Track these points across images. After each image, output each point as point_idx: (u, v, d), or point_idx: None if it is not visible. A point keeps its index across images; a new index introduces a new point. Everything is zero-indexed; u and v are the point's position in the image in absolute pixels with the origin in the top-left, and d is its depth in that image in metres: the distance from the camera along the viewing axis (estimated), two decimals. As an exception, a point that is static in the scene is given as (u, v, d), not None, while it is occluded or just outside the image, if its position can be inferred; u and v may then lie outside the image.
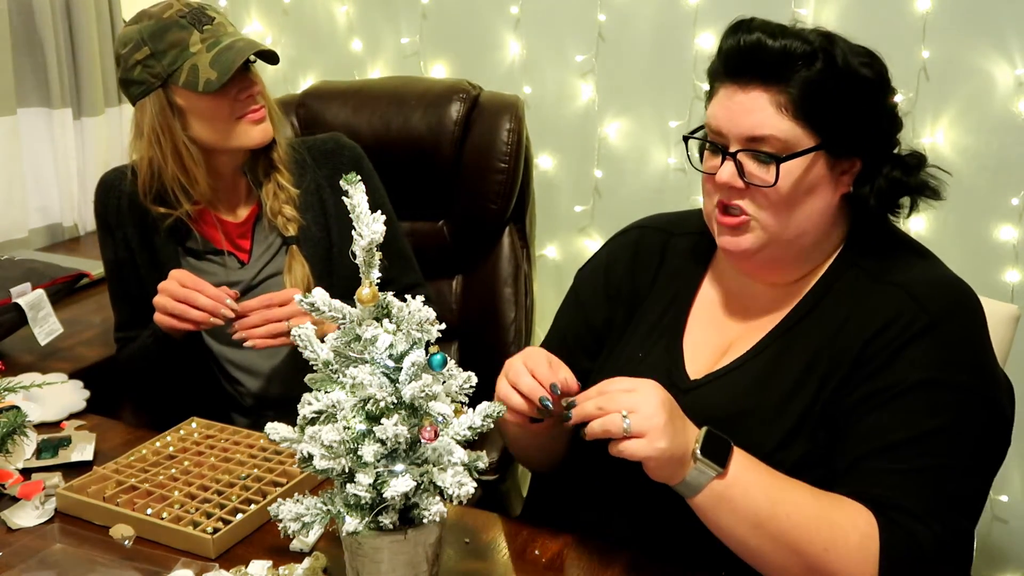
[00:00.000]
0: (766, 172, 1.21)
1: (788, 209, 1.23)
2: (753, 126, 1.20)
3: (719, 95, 1.25)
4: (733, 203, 1.24)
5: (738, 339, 1.32)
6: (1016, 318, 1.55)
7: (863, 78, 1.22)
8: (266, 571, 1.21)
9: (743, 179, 1.22)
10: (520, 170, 2.20)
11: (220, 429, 1.54)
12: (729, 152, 1.23)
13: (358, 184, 1.03)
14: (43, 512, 1.34)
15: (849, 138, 1.22)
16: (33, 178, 2.49)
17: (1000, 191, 2.08)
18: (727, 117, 1.23)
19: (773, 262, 1.28)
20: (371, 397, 1.00)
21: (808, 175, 1.21)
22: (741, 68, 1.22)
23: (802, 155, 1.20)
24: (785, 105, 1.19)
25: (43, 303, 1.86)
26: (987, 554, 2.25)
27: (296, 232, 1.74)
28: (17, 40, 2.38)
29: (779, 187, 1.20)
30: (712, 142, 1.26)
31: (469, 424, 1.05)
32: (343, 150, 1.85)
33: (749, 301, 1.34)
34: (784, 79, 1.20)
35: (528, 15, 2.44)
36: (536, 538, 1.28)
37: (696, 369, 1.33)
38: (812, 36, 1.22)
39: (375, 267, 1.04)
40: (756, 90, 1.21)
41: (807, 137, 1.20)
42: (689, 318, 1.37)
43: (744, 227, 1.25)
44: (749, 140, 1.21)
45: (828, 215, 1.26)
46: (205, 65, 1.61)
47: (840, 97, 1.20)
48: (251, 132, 1.68)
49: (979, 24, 2.03)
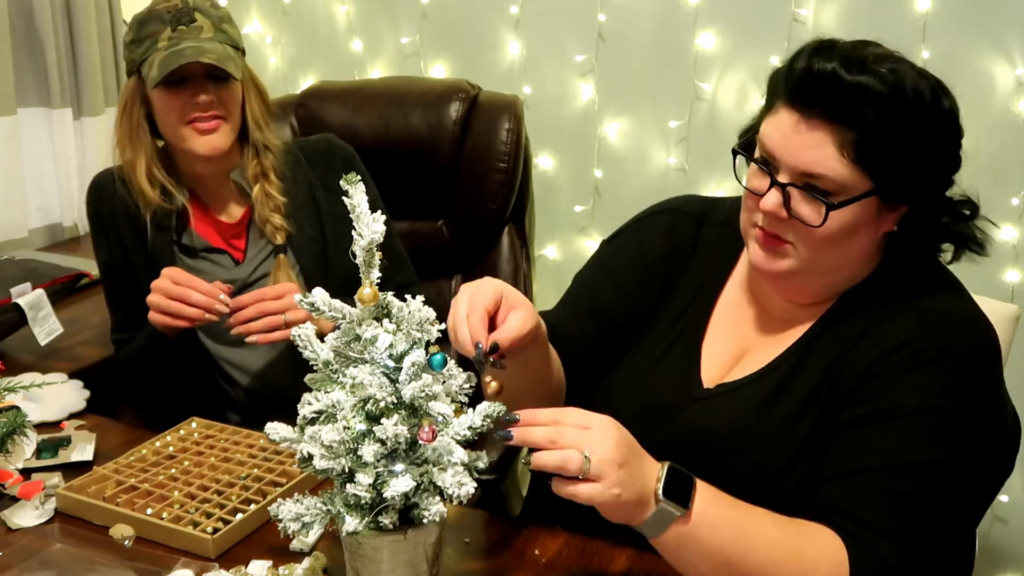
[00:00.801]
0: (814, 212, 1.16)
1: (828, 246, 1.19)
2: (810, 163, 1.14)
3: (779, 116, 1.18)
4: (772, 231, 1.20)
5: (753, 349, 1.30)
6: (1016, 318, 1.55)
7: (930, 120, 1.16)
8: (266, 571, 1.21)
9: (788, 211, 1.17)
10: (519, 170, 2.20)
11: (220, 429, 1.54)
12: (779, 181, 1.17)
13: (358, 184, 1.03)
14: (43, 512, 1.34)
15: (905, 185, 1.17)
16: (33, 178, 2.49)
17: (1000, 191, 2.08)
18: (783, 145, 1.16)
19: (802, 288, 1.26)
20: (371, 397, 1.00)
21: (855, 218, 1.16)
22: (810, 97, 1.14)
23: (854, 201, 1.15)
24: (847, 148, 1.13)
25: (43, 303, 1.86)
26: (987, 554, 2.25)
27: (283, 241, 1.75)
28: (17, 40, 2.38)
29: (823, 228, 1.16)
30: (762, 159, 1.20)
31: (469, 424, 1.04)
32: (335, 150, 1.85)
33: (771, 310, 1.31)
34: (851, 121, 1.12)
35: (528, 15, 2.44)
36: (536, 538, 1.28)
37: (710, 376, 1.30)
38: (888, 73, 1.13)
39: (375, 267, 1.04)
40: (820, 126, 1.14)
41: (862, 182, 1.14)
42: (711, 320, 1.35)
43: (781, 251, 1.21)
44: (803, 175, 1.15)
45: (867, 253, 1.23)
46: (157, 62, 1.63)
47: (904, 142, 1.14)
48: (195, 140, 1.68)
49: (979, 24, 2.03)
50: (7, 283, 1.90)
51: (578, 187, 2.49)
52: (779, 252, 1.21)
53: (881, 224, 1.20)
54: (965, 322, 1.20)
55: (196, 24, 1.66)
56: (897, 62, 1.16)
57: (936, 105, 1.16)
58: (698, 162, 2.35)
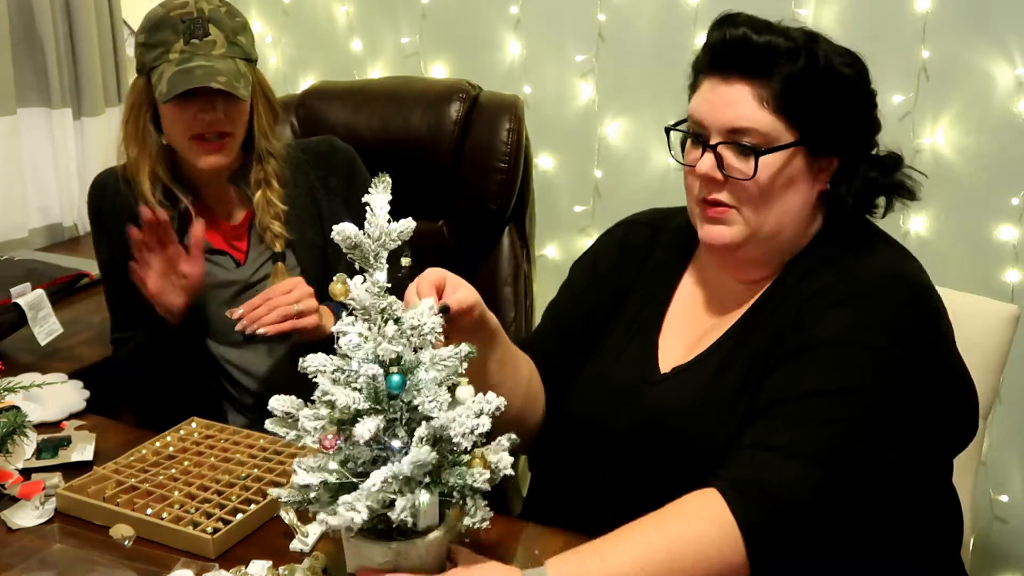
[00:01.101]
0: (745, 164, 1.23)
1: (766, 203, 1.24)
2: (734, 118, 1.22)
3: (702, 88, 1.27)
4: (712, 197, 1.26)
5: (708, 333, 1.34)
6: (1016, 318, 1.55)
7: (844, 77, 1.24)
8: (266, 571, 1.21)
9: (722, 171, 1.24)
10: (520, 170, 2.20)
11: (220, 429, 1.54)
12: (710, 144, 1.24)
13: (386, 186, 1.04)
14: (43, 512, 1.34)
15: (828, 136, 1.24)
16: (33, 178, 2.49)
17: (1000, 191, 2.08)
18: (709, 109, 1.25)
19: (752, 261, 1.30)
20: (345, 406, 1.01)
21: (786, 170, 1.23)
22: (725, 61, 1.24)
23: (781, 149, 1.22)
24: (767, 99, 1.21)
25: (43, 303, 1.85)
26: (987, 554, 2.25)
27: (282, 248, 1.75)
28: (17, 40, 2.38)
29: (758, 179, 1.22)
30: (694, 133, 1.28)
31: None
32: (336, 152, 1.86)
33: (724, 296, 1.35)
34: (767, 73, 1.21)
35: (528, 15, 2.44)
36: (536, 538, 1.28)
37: (668, 363, 1.34)
38: (796, 34, 1.24)
39: (380, 267, 1.04)
40: (738, 83, 1.23)
41: (787, 132, 1.22)
42: (667, 313, 1.39)
43: (726, 218, 1.26)
44: (730, 132, 1.23)
45: (806, 212, 1.27)
46: (166, 77, 1.62)
47: (821, 94, 1.22)
48: (198, 157, 1.69)
49: (979, 24, 2.03)
50: (7, 283, 1.90)
51: (578, 187, 2.49)
52: (724, 220, 1.26)
53: (815, 181, 1.27)
54: (889, 271, 1.25)
55: (209, 39, 1.65)
56: (804, 29, 1.26)
57: (848, 64, 1.25)
58: (698, 162, 2.35)
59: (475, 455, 1.04)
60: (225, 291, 1.76)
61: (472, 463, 1.04)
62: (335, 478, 1.03)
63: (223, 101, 1.66)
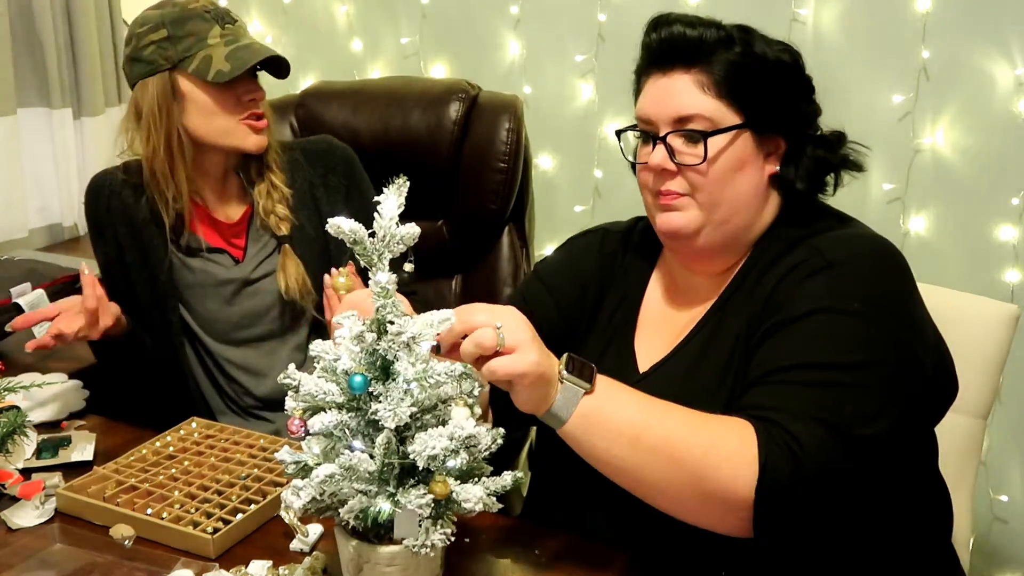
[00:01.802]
0: (695, 150, 1.25)
1: (719, 187, 1.26)
2: (678, 107, 1.25)
3: (645, 87, 1.31)
4: (665, 188, 1.28)
5: (682, 329, 1.35)
6: (1016, 318, 1.55)
7: (780, 61, 1.28)
8: (266, 571, 1.21)
9: (674, 160, 1.26)
10: (519, 170, 2.20)
11: (220, 429, 1.54)
12: (659, 137, 1.27)
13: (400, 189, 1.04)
14: (43, 512, 1.34)
15: (772, 116, 1.28)
16: (33, 178, 2.49)
17: (1000, 191, 2.08)
18: (653, 103, 1.28)
19: (708, 250, 1.31)
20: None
21: (735, 152, 1.26)
22: (663, 58, 1.28)
23: (728, 131, 1.25)
24: (707, 85, 1.25)
25: (43, 303, 1.85)
26: (987, 554, 2.25)
27: (289, 231, 1.76)
28: (17, 40, 2.38)
29: (708, 162, 1.25)
30: (643, 132, 1.31)
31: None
32: (335, 151, 1.86)
33: (692, 292, 1.37)
34: (704, 61, 1.25)
35: (528, 15, 2.44)
36: (536, 538, 1.28)
37: (647, 362, 1.36)
38: (728, 26, 1.28)
39: (383, 267, 1.04)
40: (678, 74, 1.26)
41: (732, 115, 1.25)
42: (639, 316, 1.41)
43: (679, 204, 1.28)
44: (676, 121, 1.26)
45: (758, 195, 1.30)
46: (220, 57, 1.64)
47: (759, 77, 1.26)
48: (248, 137, 1.70)
49: (979, 24, 2.03)
50: (7, 283, 1.90)
51: (578, 187, 2.49)
52: (677, 206, 1.28)
53: (764, 163, 1.30)
54: (853, 241, 1.27)
55: (239, 24, 1.71)
56: (736, 24, 1.30)
57: (784, 50, 1.30)
58: (698, 162, 2.35)
59: (436, 480, 1.02)
60: (224, 289, 1.76)
61: (432, 487, 1.02)
62: (312, 461, 1.05)
63: (258, 83, 1.72)
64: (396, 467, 1.03)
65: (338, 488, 1.03)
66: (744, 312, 1.27)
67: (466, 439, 1.02)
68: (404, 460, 1.03)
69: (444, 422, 1.04)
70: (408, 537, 1.03)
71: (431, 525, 1.04)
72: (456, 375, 1.04)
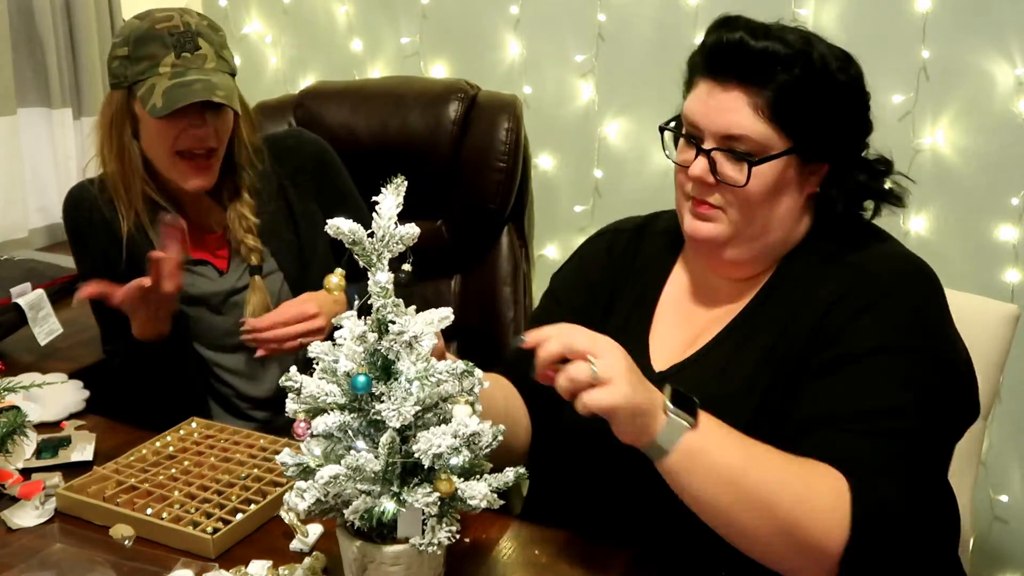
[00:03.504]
0: (738, 171, 1.23)
1: (756, 207, 1.25)
2: (729, 125, 1.22)
3: (698, 89, 1.27)
4: (702, 198, 1.27)
5: (703, 331, 1.34)
6: (1016, 318, 1.55)
7: (839, 83, 1.24)
8: (266, 571, 1.21)
9: (715, 175, 1.24)
10: (519, 170, 2.20)
11: (220, 429, 1.54)
12: (703, 148, 1.25)
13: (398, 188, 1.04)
14: (43, 512, 1.34)
15: (821, 143, 1.24)
16: (33, 178, 2.49)
17: (1000, 191, 2.08)
18: (704, 113, 1.25)
19: (736, 258, 1.30)
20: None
21: (778, 175, 1.24)
22: (722, 65, 1.24)
23: (774, 159, 1.22)
24: (762, 107, 1.21)
25: (43, 303, 1.86)
26: (987, 554, 2.25)
27: (258, 262, 1.74)
28: (17, 40, 2.38)
29: (749, 187, 1.23)
30: (688, 134, 1.29)
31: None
32: (304, 145, 1.84)
33: (713, 293, 1.36)
34: (763, 81, 1.21)
35: (528, 15, 2.44)
36: (536, 538, 1.28)
37: (662, 362, 1.34)
38: (793, 38, 1.23)
39: (382, 267, 1.04)
40: (735, 89, 1.22)
41: (780, 140, 1.22)
42: (656, 313, 1.40)
43: (712, 215, 1.27)
44: (724, 138, 1.23)
45: (794, 214, 1.28)
46: (160, 90, 1.59)
47: (815, 103, 1.22)
48: (185, 175, 1.66)
49: (979, 24, 2.03)
50: (7, 283, 1.90)
51: (578, 187, 2.48)
52: (710, 216, 1.27)
53: (804, 185, 1.27)
54: (896, 264, 1.26)
55: (200, 52, 1.63)
56: (801, 31, 1.25)
57: (843, 70, 1.25)
58: (698, 162, 2.35)
59: (441, 478, 1.02)
60: (210, 301, 1.76)
61: (437, 485, 1.02)
62: (313, 463, 1.05)
63: (212, 116, 1.64)
64: (399, 466, 1.03)
65: (342, 489, 1.03)
66: (776, 323, 1.26)
67: (469, 437, 1.02)
68: (408, 459, 1.03)
69: (445, 420, 1.04)
70: (412, 536, 1.03)
71: (436, 523, 1.04)
72: (457, 373, 1.04)
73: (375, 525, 1.05)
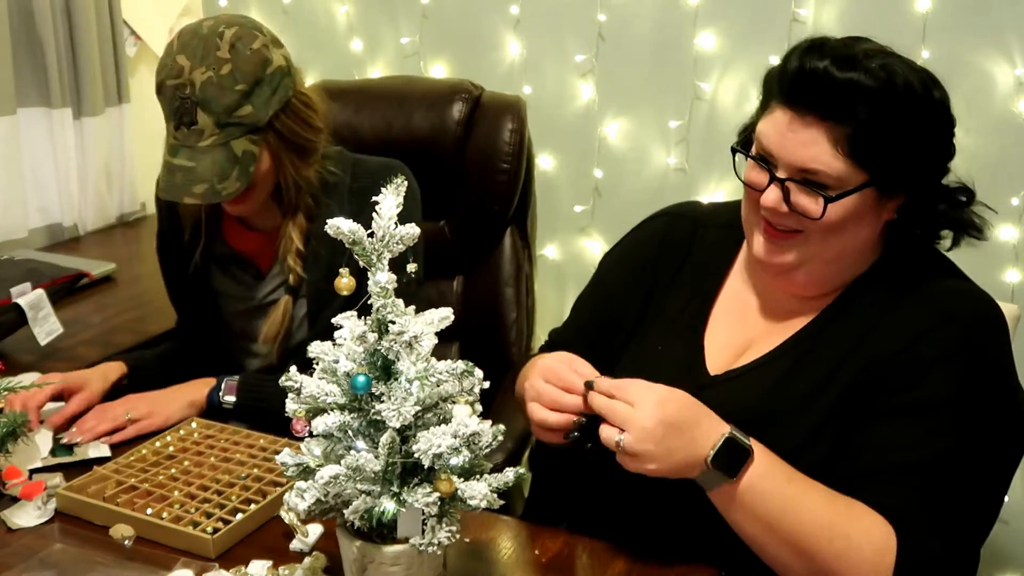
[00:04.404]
0: (813, 203, 1.19)
1: (832, 236, 1.21)
2: (806, 160, 1.18)
3: (774, 115, 1.21)
4: (777, 222, 1.23)
5: (759, 339, 1.31)
6: (1016, 318, 1.55)
7: (922, 113, 1.19)
8: (266, 571, 1.21)
9: (788, 206, 1.20)
10: (522, 171, 2.20)
11: (220, 429, 1.54)
12: (778, 178, 1.20)
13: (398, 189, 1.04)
14: (43, 512, 1.34)
15: (900, 176, 1.20)
16: (33, 178, 2.49)
17: (1000, 191, 2.08)
18: (780, 143, 1.20)
19: (806, 280, 1.27)
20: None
21: (854, 207, 1.19)
22: (803, 95, 1.18)
23: (851, 193, 1.18)
24: (841, 143, 1.16)
25: (43, 303, 1.86)
26: (987, 554, 2.23)
27: (295, 283, 1.67)
28: (17, 40, 2.38)
29: (824, 220, 1.19)
30: (759, 157, 1.23)
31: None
32: (380, 187, 1.75)
33: (773, 304, 1.33)
34: (844, 118, 1.16)
35: (528, 15, 2.44)
36: (536, 538, 1.28)
37: (716, 366, 1.32)
38: (876, 67, 1.16)
39: (381, 267, 1.04)
40: (814, 124, 1.17)
41: (857, 175, 1.18)
42: (711, 314, 1.37)
43: (788, 244, 1.23)
44: (800, 171, 1.19)
45: (869, 242, 1.26)
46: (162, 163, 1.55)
47: (896, 137, 1.17)
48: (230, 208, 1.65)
49: (979, 24, 2.03)
50: (7, 283, 1.90)
51: (578, 187, 2.49)
52: (785, 245, 1.23)
53: (881, 213, 1.23)
54: (977, 305, 1.23)
55: (196, 127, 1.50)
56: (887, 56, 1.19)
57: (927, 96, 1.20)
58: (698, 162, 2.35)
59: (441, 478, 1.02)
60: (242, 304, 1.76)
61: (437, 485, 1.02)
62: (313, 463, 1.05)
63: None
64: (399, 466, 1.03)
65: (342, 489, 1.03)
66: (840, 347, 1.23)
67: (469, 436, 1.02)
68: (408, 459, 1.03)
69: (445, 420, 1.04)
70: (412, 536, 1.03)
71: (436, 523, 1.04)
72: (457, 373, 1.04)
73: (375, 525, 1.05)
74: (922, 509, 1.12)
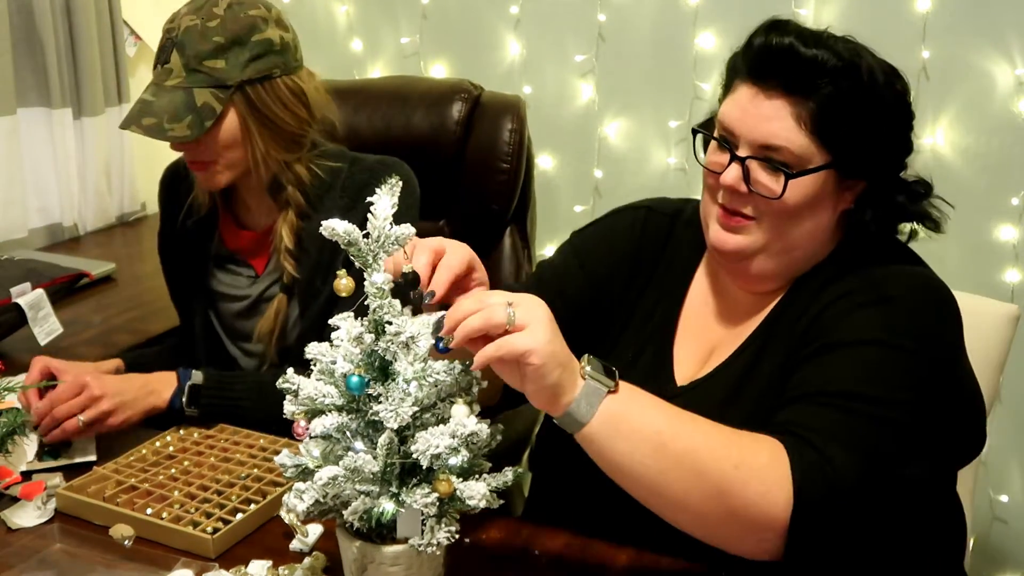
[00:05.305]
0: (773, 182, 1.18)
1: (788, 220, 1.21)
2: (768, 135, 1.17)
3: (738, 93, 1.22)
4: (733, 207, 1.22)
5: (720, 344, 1.31)
6: (1016, 318, 1.55)
7: (885, 99, 1.20)
8: (266, 571, 1.21)
9: (748, 185, 1.20)
10: (522, 171, 2.20)
11: (220, 429, 1.54)
12: (738, 156, 1.20)
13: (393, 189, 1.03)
14: (43, 512, 1.34)
15: (861, 159, 1.20)
16: (33, 178, 2.49)
17: (1000, 191, 2.08)
18: (741, 119, 1.20)
19: (760, 272, 1.26)
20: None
21: (813, 190, 1.19)
22: (767, 71, 1.18)
23: (812, 172, 1.18)
24: (804, 119, 1.16)
25: (43, 303, 1.85)
26: (987, 554, 2.25)
27: (288, 282, 1.67)
28: (17, 40, 2.38)
29: (784, 199, 1.18)
30: (722, 138, 1.23)
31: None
32: (376, 183, 1.73)
33: (732, 305, 1.33)
34: (808, 92, 1.16)
35: (528, 15, 2.44)
36: (536, 538, 1.28)
37: (684, 375, 1.32)
38: (842, 49, 1.18)
39: (377, 267, 1.04)
40: (777, 97, 1.17)
41: (819, 154, 1.18)
42: (679, 321, 1.36)
43: (741, 228, 1.23)
44: (761, 147, 1.18)
45: (825, 230, 1.25)
46: None
47: (859, 117, 1.18)
48: (196, 175, 1.66)
49: (979, 24, 2.03)
50: (7, 283, 1.90)
51: (578, 187, 2.49)
52: (738, 228, 1.23)
53: (839, 201, 1.23)
54: (914, 279, 1.22)
55: (167, 66, 1.54)
56: (852, 43, 1.21)
57: (889, 85, 1.21)
58: (698, 162, 2.35)
59: (439, 478, 1.02)
60: (240, 303, 1.76)
61: (436, 485, 1.02)
62: (312, 464, 1.05)
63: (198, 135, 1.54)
64: (398, 467, 1.03)
65: (341, 490, 1.03)
66: (785, 342, 1.22)
67: (468, 436, 1.02)
68: (406, 460, 1.03)
69: (443, 420, 1.04)
70: (411, 536, 1.03)
71: (435, 523, 1.04)
72: (455, 373, 1.04)
73: (374, 526, 1.05)
74: (827, 423, 1.07)
